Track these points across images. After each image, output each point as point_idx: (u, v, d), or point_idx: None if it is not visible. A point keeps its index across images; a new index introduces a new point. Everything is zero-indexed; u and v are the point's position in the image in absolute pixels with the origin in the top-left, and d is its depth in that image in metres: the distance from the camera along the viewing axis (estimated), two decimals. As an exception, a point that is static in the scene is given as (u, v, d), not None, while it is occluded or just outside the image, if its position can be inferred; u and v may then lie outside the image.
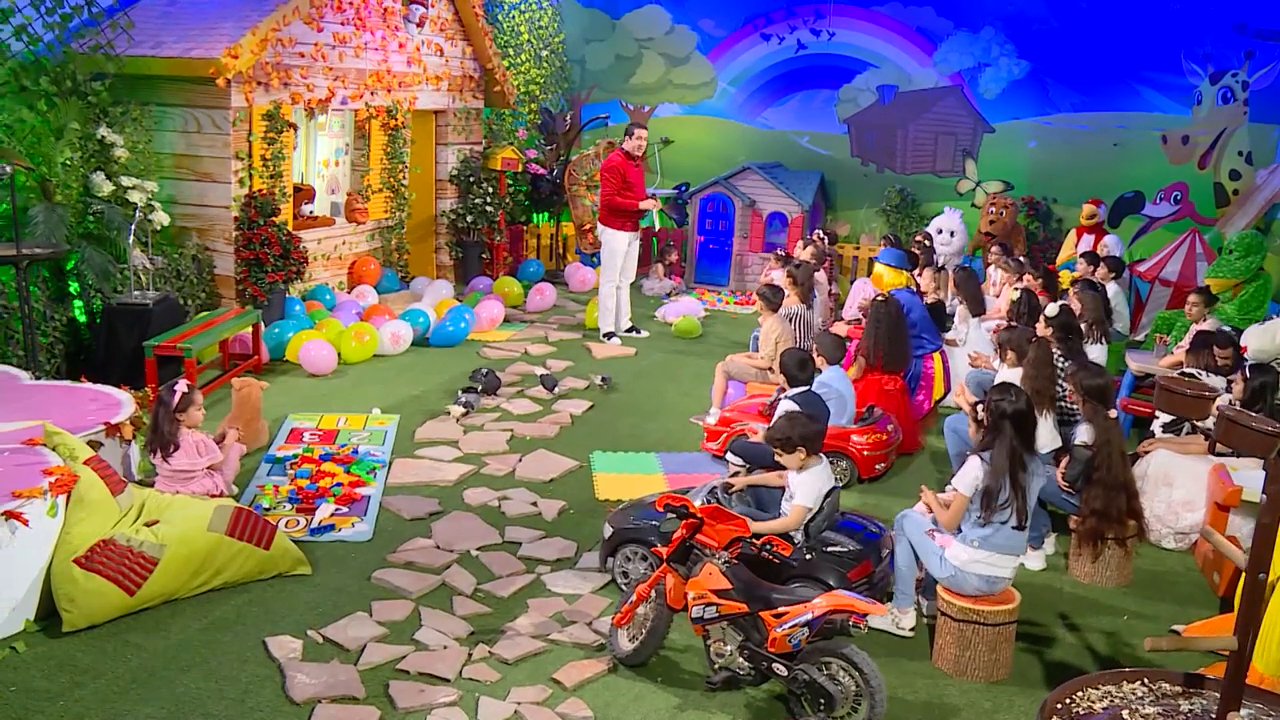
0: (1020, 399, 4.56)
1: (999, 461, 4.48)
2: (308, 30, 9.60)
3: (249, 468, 6.59)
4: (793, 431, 4.84)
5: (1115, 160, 12.08)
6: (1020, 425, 4.52)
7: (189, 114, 9.00)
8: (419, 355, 9.47)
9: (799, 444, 4.83)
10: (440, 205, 12.46)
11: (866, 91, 13.26)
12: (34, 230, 7.63)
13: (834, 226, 13.65)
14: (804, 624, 4.01)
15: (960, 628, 4.55)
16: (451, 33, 11.94)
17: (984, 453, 4.56)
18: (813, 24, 13.35)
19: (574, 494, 6.53)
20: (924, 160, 13.11)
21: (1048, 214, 12.45)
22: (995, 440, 4.53)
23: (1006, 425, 4.51)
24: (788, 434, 4.84)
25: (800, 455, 4.86)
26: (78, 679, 4.31)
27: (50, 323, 7.81)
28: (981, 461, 4.54)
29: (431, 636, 4.74)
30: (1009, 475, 4.46)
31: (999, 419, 4.53)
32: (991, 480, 4.47)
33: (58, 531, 4.79)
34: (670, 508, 4.41)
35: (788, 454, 4.87)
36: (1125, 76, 11.92)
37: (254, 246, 9.05)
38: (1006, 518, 4.45)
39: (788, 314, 8.49)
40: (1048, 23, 12.19)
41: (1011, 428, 4.50)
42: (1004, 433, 4.51)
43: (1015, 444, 4.49)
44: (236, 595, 5.05)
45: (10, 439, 5.33)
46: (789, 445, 4.84)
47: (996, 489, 4.45)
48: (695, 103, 14.32)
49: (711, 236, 13.24)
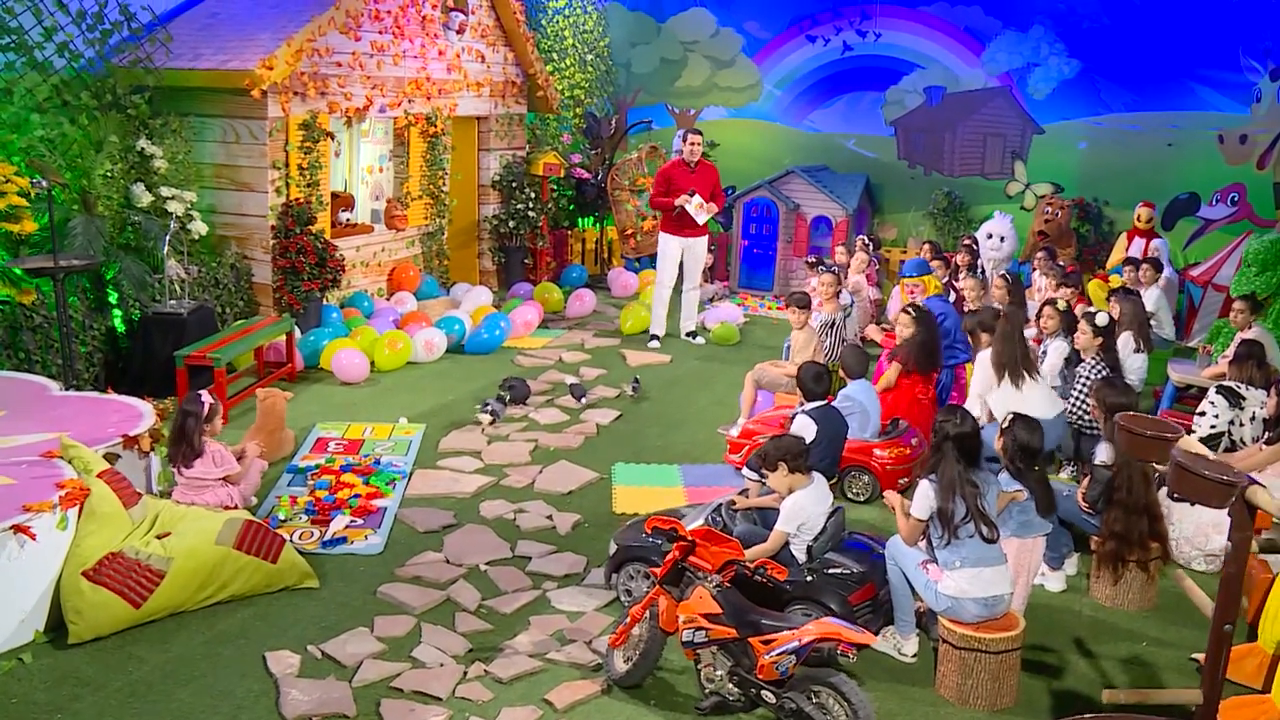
0: (965, 421, 4.51)
1: (944, 482, 4.46)
2: (345, 40, 9.69)
3: (271, 477, 6.67)
4: (769, 448, 4.80)
5: (1169, 161, 11.72)
6: (963, 447, 4.51)
7: (227, 124, 9.15)
8: (453, 362, 9.51)
9: (778, 461, 4.76)
10: (483, 211, 12.51)
11: (913, 93, 13.04)
12: (73, 242, 7.80)
13: (881, 230, 13.44)
14: (791, 652, 3.92)
15: (962, 655, 4.42)
16: (493, 39, 11.98)
17: (931, 475, 4.53)
18: (858, 25, 13.16)
19: (592, 507, 6.50)
20: (972, 162, 12.85)
21: (1099, 216, 12.11)
22: (940, 462, 4.52)
23: (949, 446, 4.50)
24: (764, 451, 4.81)
25: (783, 473, 4.79)
26: (78, 691, 4.38)
27: (89, 332, 7.98)
28: (930, 484, 4.51)
29: (429, 654, 4.74)
30: (959, 494, 4.41)
31: (941, 440, 4.53)
32: (941, 501, 4.44)
33: (68, 544, 4.89)
34: (658, 530, 4.35)
35: (770, 473, 4.81)
36: (1180, 74, 11.56)
37: (290, 255, 9.17)
38: (971, 532, 4.39)
39: (825, 322, 8.39)
40: (1099, 20, 11.87)
41: (954, 449, 4.50)
42: (946, 454, 4.50)
43: (959, 465, 4.47)
44: (242, 608, 5.10)
45: (30, 451, 5.44)
46: (768, 463, 4.79)
47: (949, 509, 4.42)
48: (741, 105, 14.21)
49: (755, 241, 13.10)
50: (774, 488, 4.99)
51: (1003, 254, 11.39)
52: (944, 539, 4.45)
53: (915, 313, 7.28)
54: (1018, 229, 11.71)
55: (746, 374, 7.91)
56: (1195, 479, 2.44)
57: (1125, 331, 8.10)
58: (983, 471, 4.60)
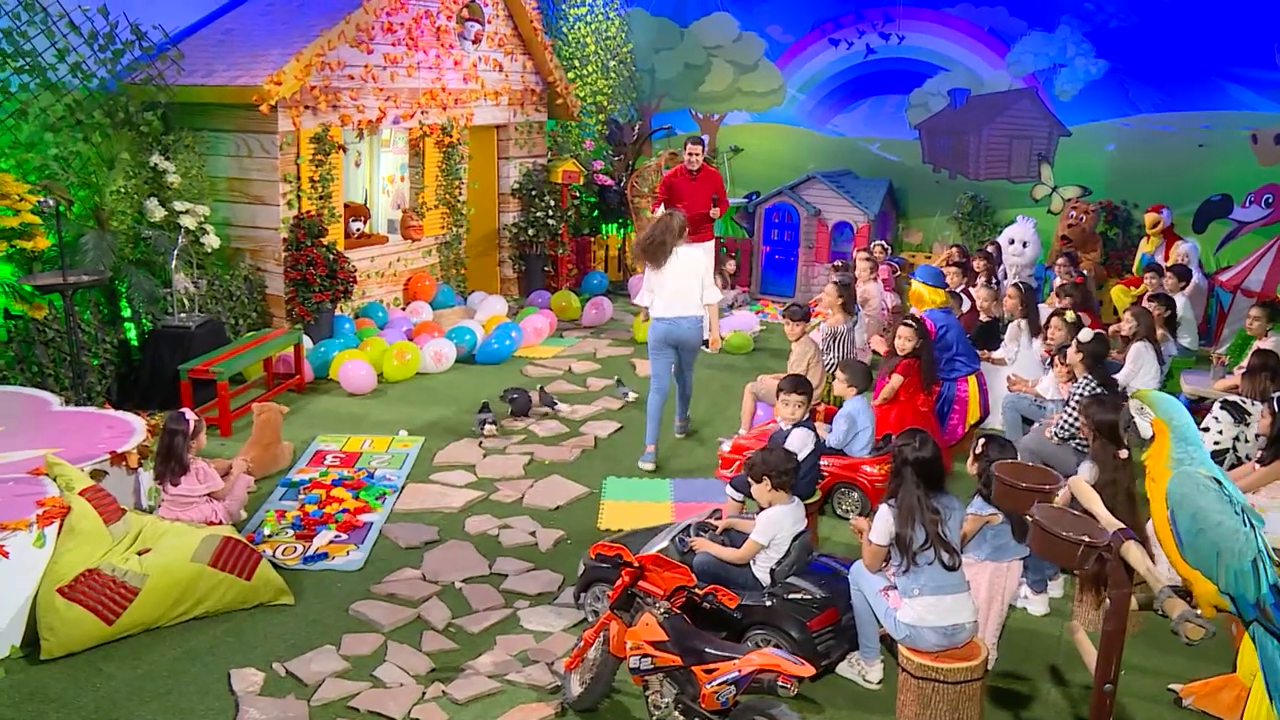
0: (925, 446, 4.41)
1: (903, 508, 4.37)
2: (357, 53, 9.79)
3: (265, 491, 6.76)
4: (758, 460, 4.77)
5: (1200, 162, 11.42)
6: (923, 471, 4.40)
7: (239, 139, 9.29)
8: (462, 373, 9.56)
9: (764, 475, 4.73)
10: (503, 219, 12.57)
11: (938, 96, 12.85)
12: (84, 257, 7.98)
13: (906, 235, 13.29)
14: (731, 682, 3.88)
15: (920, 685, 4.34)
16: (510, 47, 12.03)
17: (890, 500, 4.45)
18: (881, 27, 13.00)
19: (577, 523, 6.49)
20: (998, 166, 12.63)
21: (1127, 220, 11.84)
22: (899, 487, 4.43)
23: (908, 471, 4.40)
24: (753, 462, 4.77)
25: (767, 487, 4.75)
26: (43, 708, 4.47)
27: (102, 345, 8.15)
28: (890, 509, 4.43)
29: (391, 673, 4.77)
30: (918, 521, 4.33)
31: (900, 465, 4.43)
32: (900, 526, 4.36)
33: (45, 561, 4.99)
34: (603, 557, 4.33)
35: (755, 484, 4.78)
36: (1211, 72, 11.26)
37: (300, 267, 9.28)
38: (931, 559, 4.30)
39: (831, 332, 8.29)
40: (1127, 18, 11.60)
41: (914, 474, 4.39)
42: (906, 479, 4.40)
43: (918, 490, 4.38)
44: (215, 625, 5.17)
45: (19, 468, 5.57)
46: (754, 474, 4.76)
47: (907, 535, 4.34)
48: (764, 110, 14.11)
49: (777, 247, 13.03)
50: (756, 499, 4.94)
51: (1025, 259, 11.18)
52: (903, 565, 4.38)
53: (916, 325, 7.17)
54: (1044, 234, 11.51)
55: (746, 385, 7.85)
56: (1052, 538, 2.36)
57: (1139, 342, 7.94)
58: (945, 496, 4.51)
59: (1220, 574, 2.91)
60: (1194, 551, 2.92)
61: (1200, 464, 2.99)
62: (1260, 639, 2.99)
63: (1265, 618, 2.93)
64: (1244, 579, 2.89)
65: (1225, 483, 2.99)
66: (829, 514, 6.65)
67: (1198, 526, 2.90)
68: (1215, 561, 2.90)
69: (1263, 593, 2.90)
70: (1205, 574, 2.92)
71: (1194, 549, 2.92)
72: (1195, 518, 2.90)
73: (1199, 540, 2.90)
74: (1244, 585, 2.90)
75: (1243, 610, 2.97)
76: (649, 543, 5.11)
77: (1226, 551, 2.88)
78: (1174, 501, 2.94)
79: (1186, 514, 2.92)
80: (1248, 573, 2.88)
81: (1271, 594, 2.89)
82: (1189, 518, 2.91)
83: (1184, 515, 2.92)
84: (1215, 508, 2.90)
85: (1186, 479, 2.95)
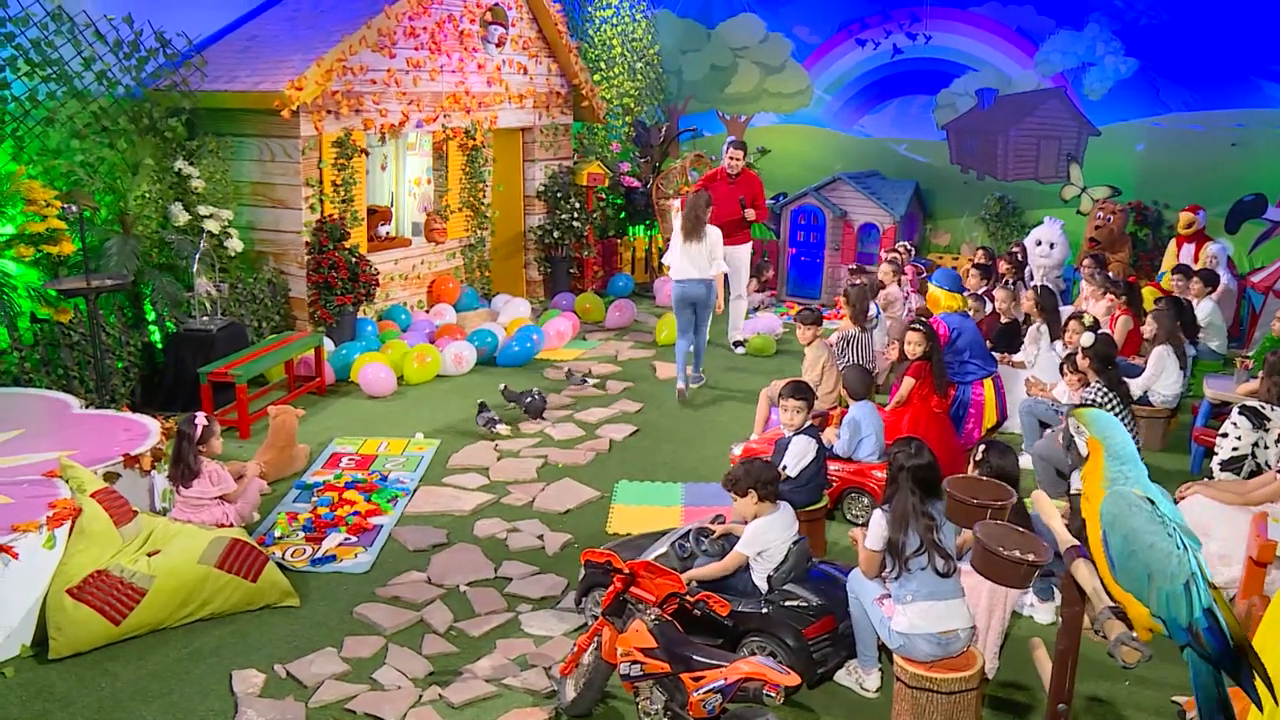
0: (921, 453, 4.38)
1: (897, 514, 4.35)
2: (379, 57, 9.88)
3: (279, 493, 6.84)
4: (739, 472, 4.74)
5: (1233, 161, 11.23)
6: (919, 478, 4.38)
7: (263, 143, 9.40)
8: (482, 376, 9.61)
9: (749, 488, 4.71)
10: (528, 221, 12.62)
11: (965, 96, 12.74)
12: (108, 262, 8.12)
13: (933, 236, 13.18)
14: (717, 690, 3.87)
15: (914, 695, 4.30)
16: (535, 50, 12.07)
17: (885, 506, 4.43)
18: (908, 27, 12.91)
19: (586, 527, 6.51)
20: (1026, 166, 12.50)
21: (1158, 220, 11.66)
22: (894, 493, 4.41)
23: (904, 477, 4.38)
24: (735, 476, 4.74)
25: (751, 500, 4.73)
26: (48, 707, 4.56)
27: (126, 348, 8.29)
28: (884, 514, 4.41)
29: (390, 676, 4.80)
30: (912, 527, 4.30)
31: (896, 471, 4.42)
32: (893, 532, 4.33)
33: (55, 562, 5.09)
34: (591, 564, 4.34)
35: (740, 498, 4.76)
36: (1244, 70, 11.06)
37: (322, 270, 9.38)
38: (924, 565, 4.26)
39: (844, 337, 8.25)
40: (1157, 16, 11.43)
41: (910, 480, 4.37)
42: (901, 486, 4.38)
43: (913, 497, 4.35)
44: (221, 626, 5.24)
45: (33, 470, 5.68)
46: (738, 488, 4.74)
47: (900, 541, 4.30)
48: (791, 111, 14.06)
49: (803, 249, 12.96)
50: (740, 513, 4.93)
51: (1053, 261, 11.04)
52: (895, 571, 4.35)
53: (923, 329, 7.11)
54: (1073, 235, 11.37)
55: (761, 390, 7.83)
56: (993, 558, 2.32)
57: (1160, 345, 7.82)
58: (941, 503, 4.47)
59: (1152, 597, 2.85)
60: (1126, 573, 2.86)
61: (1135, 483, 2.93)
62: (1193, 664, 2.93)
63: (1197, 642, 2.86)
64: (1175, 602, 2.82)
65: (1160, 503, 2.93)
66: (839, 519, 6.60)
67: (1130, 548, 2.83)
68: (1147, 584, 2.84)
69: (1195, 616, 2.83)
70: (1137, 596, 2.86)
71: (1126, 571, 2.86)
72: (1127, 539, 2.84)
73: (1131, 562, 2.84)
74: (1175, 609, 2.83)
75: (1174, 634, 2.90)
76: (649, 548, 5.10)
77: (1158, 574, 2.81)
78: (1106, 522, 2.88)
79: (1119, 535, 2.86)
80: (1180, 596, 2.81)
81: (1204, 618, 2.82)
82: (1121, 539, 2.85)
83: (1116, 536, 2.86)
84: (1147, 529, 2.83)
85: (1119, 499, 2.89)
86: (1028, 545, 2.34)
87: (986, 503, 3.51)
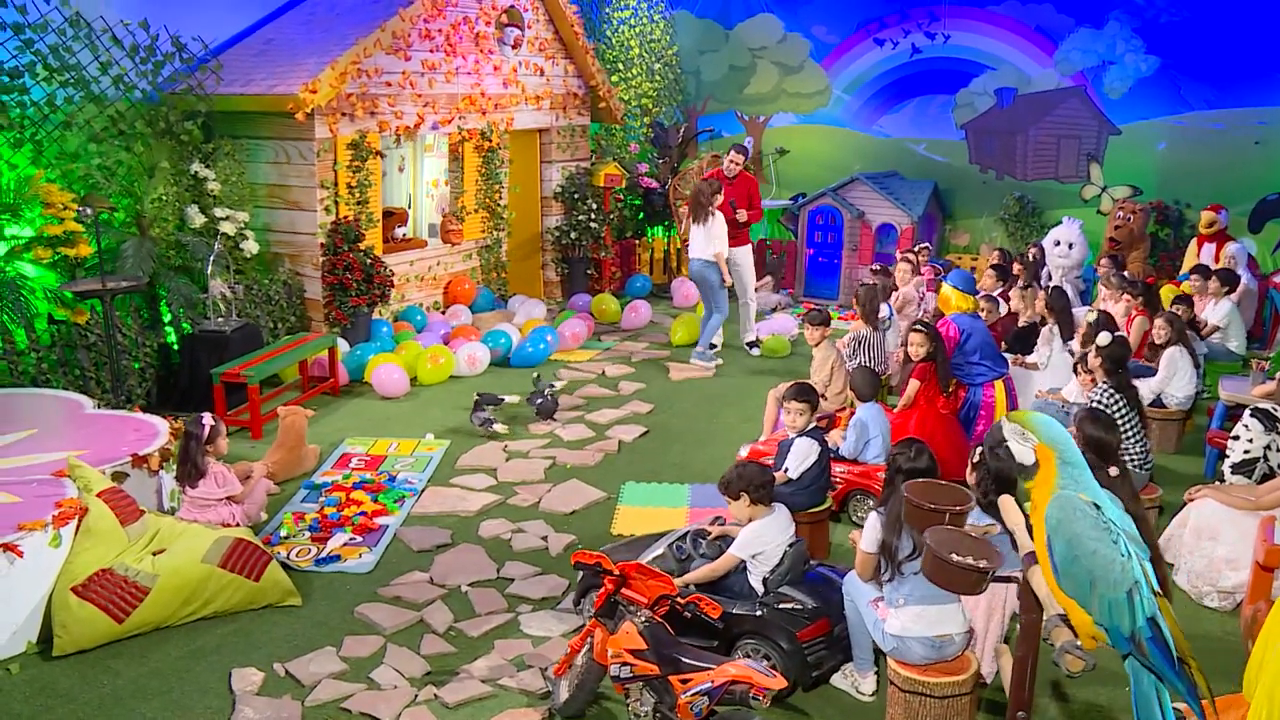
0: (919, 456, 4.36)
1: (891, 516, 4.33)
2: (394, 60, 9.94)
3: (288, 493, 6.89)
4: (732, 475, 4.74)
5: (1256, 160, 11.08)
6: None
7: (278, 146, 9.48)
8: (496, 377, 9.64)
9: (741, 491, 4.70)
10: (545, 222, 12.65)
11: (984, 95, 12.66)
12: (124, 264, 8.22)
13: (953, 236, 13.09)
14: (705, 693, 3.87)
15: (907, 699, 4.28)
16: (551, 51, 12.10)
17: (880, 508, 4.43)
18: (927, 26, 12.84)
19: (591, 528, 6.51)
20: (1046, 166, 12.39)
21: (1179, 220, 11.52)
22: (890, 495, 4.41)
23: (900, 480, 4.36)
24: (728, 479, 4.75)
25: (745, 503, 4.72)
26: (51, 703, 4.62)
27: (142, 349, 8.39)
28: (879, 516, 4.40)
29: (387, 675, 4.83)
30: (906, 531, 4.26)
31: (893, 474, 4.44)
32: (886, 535, 4.31)
33: (61, 561, 5.16)
34: (581, 565, 4.35)
35: (733, 500, 4.75)
36: (1267, 67, 10.93)
37: (337, 272, 9.45)
38: (918, 569, 4.23)
39: (856, 338, 8.22)
40: (1178, 13, 11.30)
41: (905, 483, 4.29)
42: (897, 488, 4.35)
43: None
44: (224, 624, 5.29)
45: (43, 470, 5.77)
46: (730, 491, 4.73)
47: (893, 544, 4.29)
48: (810, 111, 14.02)
49: (821, 249, 12.91)
50: (735, 516, 4.93)
51: (1072, 261, 10.93)
52: (889, 574, 4.33)
53: (927, 330, 7.07)
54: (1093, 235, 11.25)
55: (769, 391, 7.81)
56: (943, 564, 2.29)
57: (1172, 346, 7.74)
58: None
59: (1094, 604, 2.80)
60: (1069, 579, 2.81)
61: (1083, 488, 2.88)
62: (1135, 674, 2.88)
63: (1140, 652, 2.81)
64: (1118, 610, 2.77)
65: (1106, 508, 2.88)
66: (845, 522, 6.58)
67: (1072, 553, 2.79)
68: (1089, 591, 2.79)
69: (1138, 625, 2.79)
70: (1080, 603, 2.81)
71: (1069, 577, 2.81)
72: (1070, 544, 2.79)
73: (1074, 568, 2.79)
74: (1118, 617, 2.78)
75: (1116, 643, 2.86)
76: (646, 550, 5.11)
77: (1101, 581, 2.76)
78: (1050, 527, 2.84)
79: (1062, 540, 2.81)
80: (1122, 604, 2.76)
81: (1148, 627, 2.78)
82: (1064, 544, 2.80)
83: (1059, 541, 2.81)
84: (1091, 534, 2.78)
85: (1064, 503, 2.84)
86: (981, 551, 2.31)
87: (943, 507, 3.47)
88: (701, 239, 9.81)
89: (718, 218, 9.80)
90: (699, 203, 9.73)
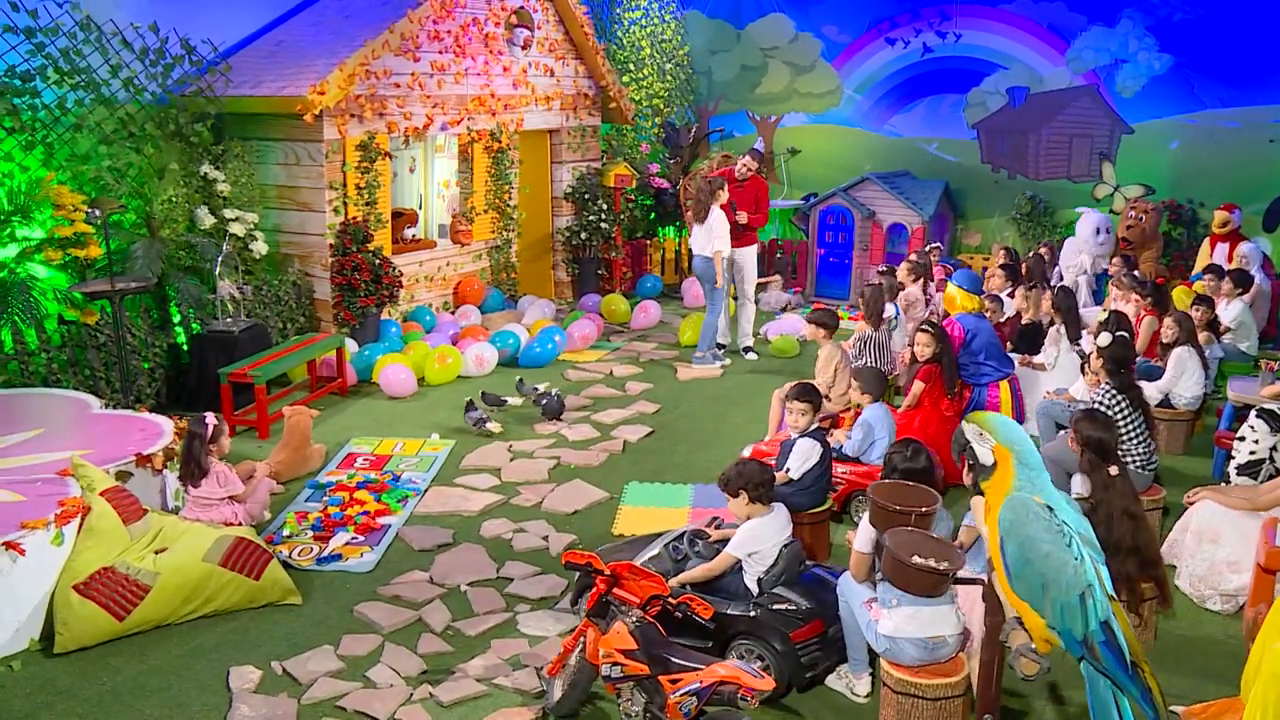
0: (916, 457, 4.33)
1: None
2: (403, 61, 9.98)
3: (293, 492, 6.93)
4: (731, 474, 4.74)
5: (1271, 158, 11.00)
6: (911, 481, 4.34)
7: (288, 147, 9.54)
8: (503, 377, 9.65)
9: (740, 489, 4.70)
10: (556, 223, 12.67)
11: (996, 94, 12.60)
12: (133, 265, 8.29)
13: (964, 236, 13.03)
14: (693, 693, 3.87)
15: (900, 700, 4.26)
16: (561, 52, 12.11)
17: None
18: (938, 26, 12.80)
19: (592, 528, 6.52)
20: (1058, 165, 12.32)
21: (1192, 219, 11.43)
22: None
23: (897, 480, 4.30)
24: (727, 477, 4.74)
25: (743, 501, 4.72)
26: (50, 700, 4.66)
27: (152, 349, 8.46)
28: None
29: (383, 674, 4.85)
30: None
31: (890, 473, 4.42)
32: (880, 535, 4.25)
33: (64, 559, 5.21)
34: (572, 565, 4.36)
35: (732, 498, 4.75)
36: (1282, 66, 10.83)
37: (346, 272, 9.49)
38: None
39: (861, 338, 8.21)
40: (1192, 11, 11.21)
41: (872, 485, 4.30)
42: None
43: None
44: (224, 623, 5.33)
45: (48, 469, 5.82)
46: (730, 488, 4.73)
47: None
48: (821, 111, 13.99)
49: (831, 249, 12.88)
50: (733, 514, 4.93)
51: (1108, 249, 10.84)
52: (882, 574, 4.31)
53: (933, 330, 7.05)
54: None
55: (774, 391, 7.79)
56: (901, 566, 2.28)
57: (1180, 347, 7.68)
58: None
59: (1047, 607, 2.77)
60: (1022, 582, 2.79)
61: (1039, 490, 2.86)
62: (1090, 677, 2.85)
63: (1093, 655, 2.79)
64: (1071, 614, 2.74)
65: (1060, 510, 2.85)
66: (848, 523, 6.56)
67: (1025, 556, 2.76)
68: (1042, 594, 2.76)
69: (1091, 629, 2.76)
70: (1033, 606, 2.79)
71: (1022, 579, 2.78)
72: (1023, 547, 2.77)
73: (1026, 571, 2.76)
74: (1070, 621, 2.76)
75: (1069, 646, 2.83)
76: (642, 551, 5.11)
77: (1053, 584, 2.74)
78: (1003, 529, 2.81)
79: (1014, 543, 2.79)
80: (1075, 607, 2.74)
81: (1101, 630, 2.75)
82: (1017, 546, 2.77)
83: (1012, 544, 2.79)
84: (1044, 538, 2.75)
85: (1017, 505, 2.81)
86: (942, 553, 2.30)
87: (908, 508, 3.45)
88: (702, 236, 9.87)
89: (718, 216, 9.79)
90: (698, 200, 9.83)
